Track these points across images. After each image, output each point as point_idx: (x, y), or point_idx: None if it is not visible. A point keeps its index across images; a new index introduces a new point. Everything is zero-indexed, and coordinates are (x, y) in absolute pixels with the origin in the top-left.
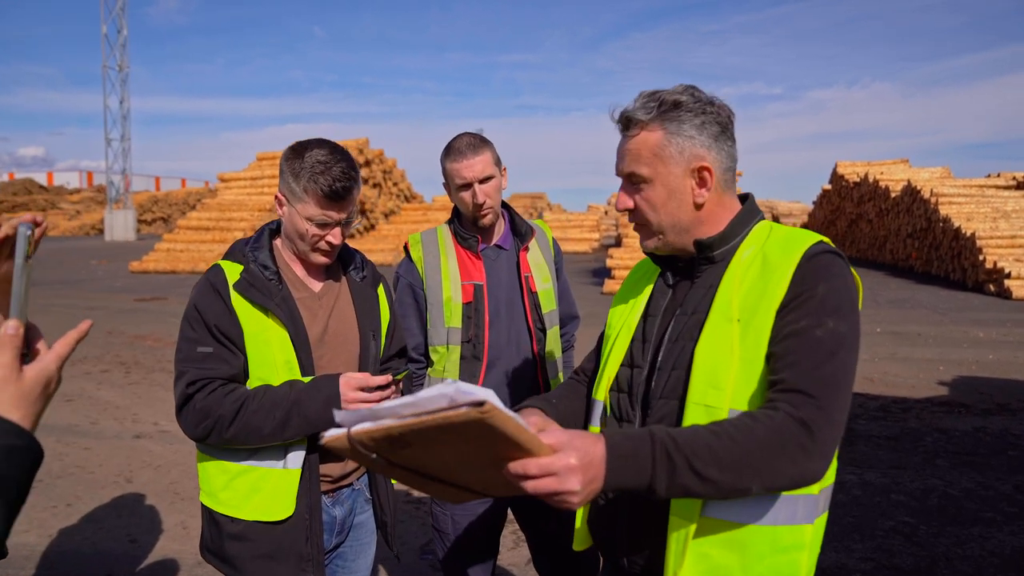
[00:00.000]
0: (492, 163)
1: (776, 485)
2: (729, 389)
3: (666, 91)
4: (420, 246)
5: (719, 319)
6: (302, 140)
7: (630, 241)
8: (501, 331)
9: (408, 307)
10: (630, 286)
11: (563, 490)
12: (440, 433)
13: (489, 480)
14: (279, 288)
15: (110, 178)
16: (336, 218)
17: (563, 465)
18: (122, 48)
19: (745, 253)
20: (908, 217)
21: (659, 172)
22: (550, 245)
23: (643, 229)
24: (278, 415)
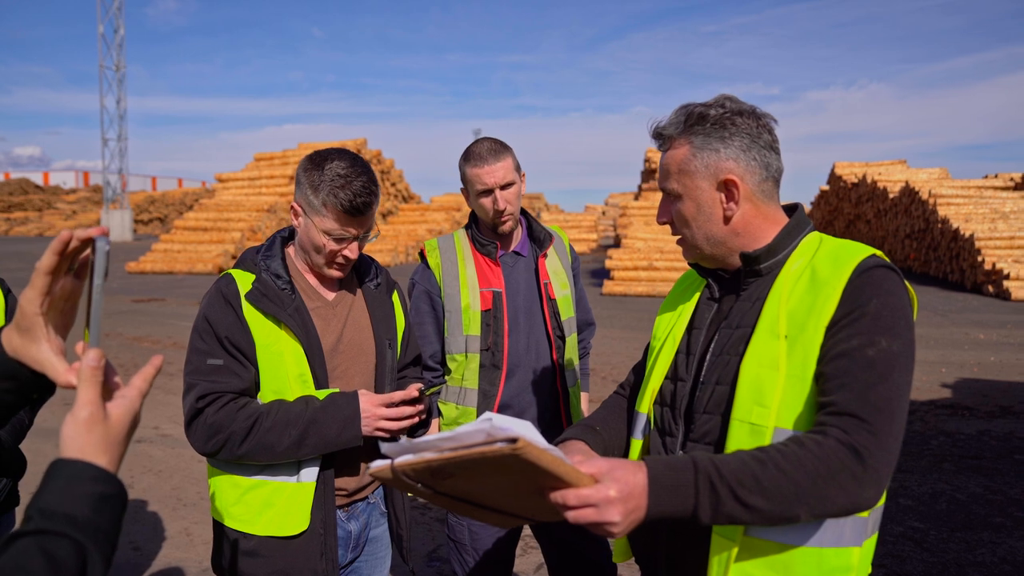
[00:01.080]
0: (513, 169)
1: (825, 513)
2: (774, 407)
3: (698, 104)
4: (438, 252)
5: (765, 335)
6: (321, 150)
7: (629, 242)
8: (520, 339)
9: (425, 314)
10: (676, 296)
11: (602, 521)
12: (479, 466)
13: (535, 507)
14: (292, 298)
15: (107, 178)
16: (354, 233)
17: (602, 497)
18: (119, 48)
19: (793, 266)
20: (906, 218)
21: (687, 187)
22: (567, 251)
23: (683, 243)
24: (293, 433)
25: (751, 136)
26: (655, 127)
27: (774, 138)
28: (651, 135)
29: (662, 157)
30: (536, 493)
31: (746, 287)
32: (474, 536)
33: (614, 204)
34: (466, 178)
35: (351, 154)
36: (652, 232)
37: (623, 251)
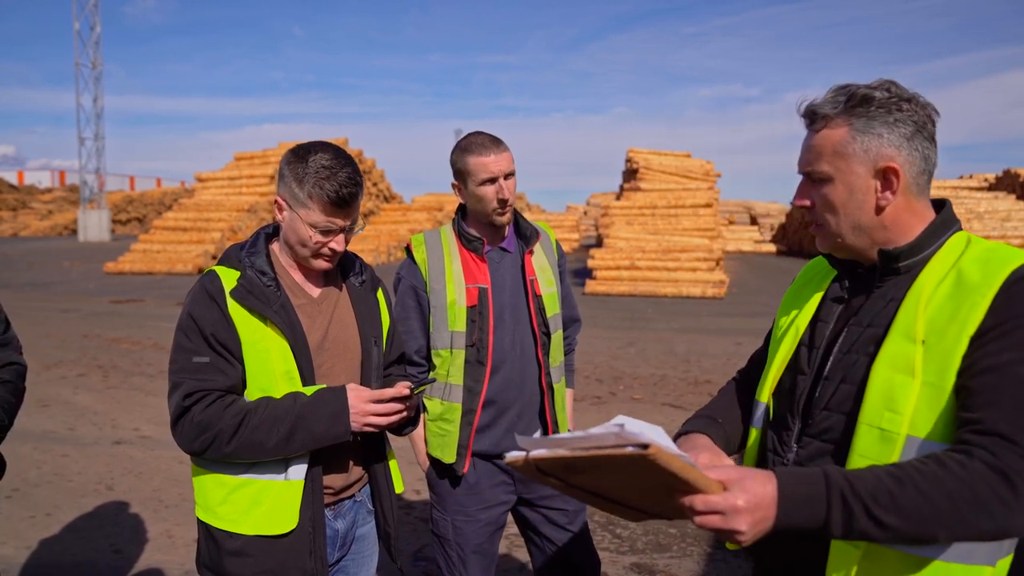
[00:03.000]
0: (512, 161)
1: (967, 537)
2: (908, 414)
3: (859, 85)
4: (424, 247)
5: (900, 338)
6: (304, 143)
7: (611, 242)
8: (506, 335)
9: (411, 309)
10: (801, 285)
11: (728, 528)
12: (610, 465)
13: (664, 504)
14: (277, 295)
15: (83, 177)
16: (340, 225)
17: (729, 506)
18: (95, 45)
19: (937, 267)
20: None
21: (841, 170)
22: (554, 248)
23: (820, 229)
24: (281, 430)
25: (916, 125)
26: (807, 105)
27: (935, 130)
28: (801, 113)
29: (810, 137)
30: (664, 493)
31: (881, 285)
32: (458, 531)
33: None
34: (466, 168)
35: (334, 146)
36: (634, 232)
37: (605, 251)
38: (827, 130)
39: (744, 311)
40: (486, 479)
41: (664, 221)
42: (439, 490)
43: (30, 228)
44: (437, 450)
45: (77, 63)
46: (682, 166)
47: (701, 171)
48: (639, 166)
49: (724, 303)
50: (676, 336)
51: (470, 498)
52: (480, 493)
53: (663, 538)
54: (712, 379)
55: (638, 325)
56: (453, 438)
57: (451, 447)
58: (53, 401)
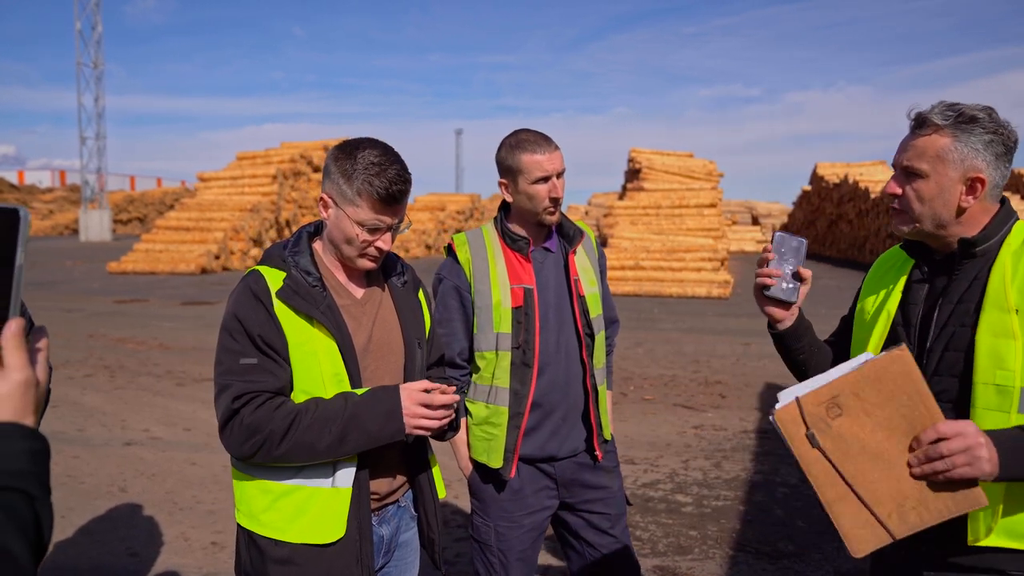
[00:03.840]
0: (563, 159)
1: None
2: (1018, 370)
3: (967, 105)
4: (467, 247)
5: (995, 310)
6: (351, 139)
7: (615, 242)
8: (551, 337)
9: (454, 310)
10: (880, 274)
11: (976, 443)
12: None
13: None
14: (323, 295)
15: (85, 177)
16: (389, 223)
17: (966, 425)
18: (97, 45)
19: (1011, 249)
20: (888, 218)
21: (937, 171)
22: (594, 248)
23: (901, 215)
24: (334, 430)
25: (1006, 147)
26: (921, 112)
27: (1014, 153)
28: (911, 117)
29: (914, 138)
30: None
31: (960, 268)
32: (501, 537)
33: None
34: (518, 166)
35: (382, 143)
36: (638, 232)
37: (609, 251)
38: (934, 136)
39: (750, 311)
40: (530, 484)
41: (668, 221)
42: (482, 495)
43: (32, 228)
44: (483, 455)
45: (79, 63)
46: (685, 166)
47: (704, 171)
48: (642, 166)
49: (729, 303)
50: (684, 336)
51: (514, 503)
52: (524, 498)
53: (684, 540)
54: (722, 379)
55: (645, 325)
56: (500, 442)
57: (498, 451)
58: (62, 402)
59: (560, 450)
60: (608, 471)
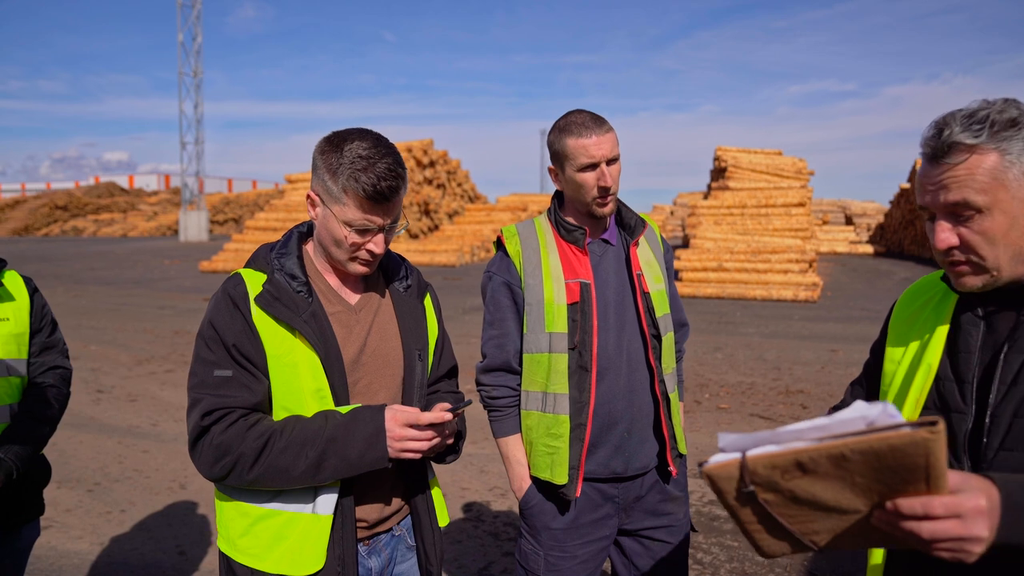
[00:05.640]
0: (617, 143)
1: None
2: None
3: (990, 109)
4: (517, 239)
5: None
6: (340, 130)
7: (698, 242)
8: (610, 337)
9: (506, 309)
10: (913, 313)
11: (968, 535)
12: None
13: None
14: (308, 302)
15: (184, 180)
16: (379, 223)
17: (972, 507)
18: (196, 55)
19: None
20: None
21: (999, 199)
22: (659, 242)
23: (969, 267)
24: (311, 454)
25: None
26: (943, 139)
27: None
28: (932, 147)
29: (949, 170)
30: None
31: None
32: (551, 568)
33: (682, 204)
34: (564, 151)
35: (374, 133)
36: (722, 232)
37: (692, 251)
38: (974, 158)
39: (839, 316)
40: (588, 509)
41: (754, 221)
42: (533, 519)
43: (137, 229)
44: (546, 471)
45: (180, 72)
46: (773, 164)
47: (793, 169)
48: (727, 164)
49: (818, 307)
50: (766, 342)
51: (569, 532)
52: (581, 526)
53: (750, 567)
54: (805, 388)
55: (726, 329)
56: (563, 456)
57: (562, 466)
58: (141, 396)
59: (627, 468)
60: (675, 498)
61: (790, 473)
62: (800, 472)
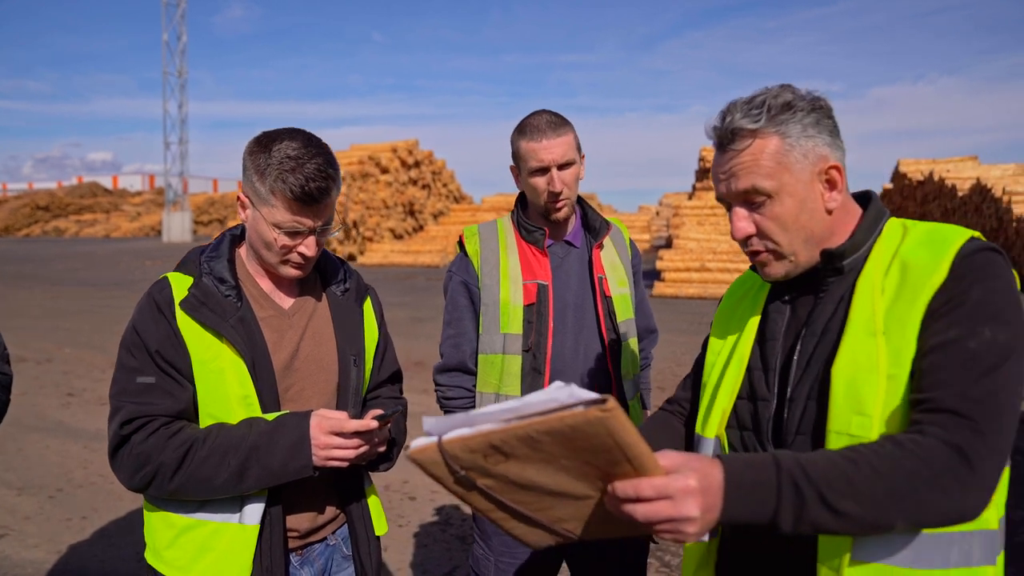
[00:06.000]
0: (573, 147)
1: (925, 521)
2: (877, 415)
3: (766, 94)
4: (477, 238)
5: (860, 333)
6: (270, 130)
7: (681, 243)
8: (567, 340)
9: (464, 308)
10: (732, 306)
11: (679, 516)
12: (549, 440)
13: (584, 514)
14: (237, 306)
15: (168, 180)
16: (309, 225)
17: (680, 487)
18: (181, 54)
19: (880, 257)
20: (977, 217)
21: (785, 183)
22: (627, 246)
23: (768, 255)
24: (233, 463)
25: (833, 122)
26: (724, 126)
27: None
28: (717, 134)
29: (735, 157)
30: (591, 488)
31: (825, 288)
32: (500, 572)
33: (668, 204)
34: (518, 153)
35: (305, 133)
36: (705, 232)
37: (675, 252)
38: (757, 143)
39: None
40: None
41: None
42: (485, 525)
43: (120, 229)
44: None
45: (165, 72)
46: None
47: None
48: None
49: None
50: None
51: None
52: None
53: None
54: None
55: (707, 330)
56: None
57: None
58: None
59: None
60: None
61: (492, 457)
62: (501, 455)
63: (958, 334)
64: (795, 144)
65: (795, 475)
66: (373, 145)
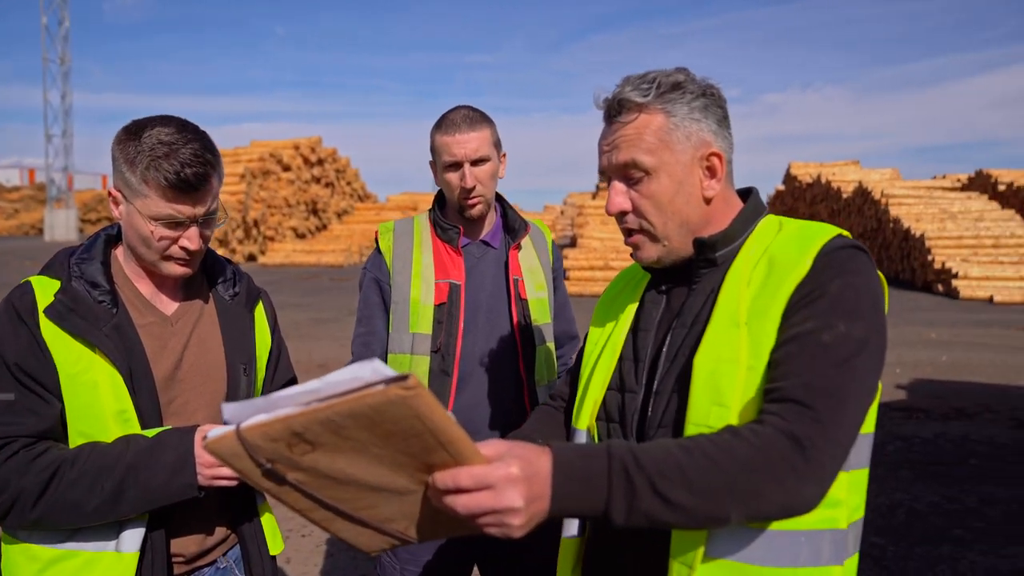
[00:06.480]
0: (490, 143)
1: (760, 513)
2: (736, 406)
3: (659, 72)
4: (391, 235)
5: (723, 323)
6: (140, 119)
7: (585, 242)
8: (478, 342)
9: (375, 306)
10: (613, 296)
11: (501, 507)
12: (352, 424)
13: (412, 511)
14: (111, 313)
15: (50, 175)
16: (189, 214)
17: (501, 475)
18: (64, 41)
19: (751, 251)
20: (860, 218)
21: (664, 161)
22: (548, 249)
23: (641, 236)
24: (107, 486)
25: (723, 111)
26: (613, 96)
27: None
28: (606, 105)
29: (620, 129)
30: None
31: (698, 279)
32: None
33: (572, 204)
34: (435, 147)
35: (179, 119)
36: (608, 232)
37: (579, 251)
38: (643, 117)
39: None
40: None
41: None
42: None
43: None
44: None
45: (45, 58)
46: None
47: None
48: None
49: None
50: None
51: (426, 545)
52: (438, 541)
53: None
54: None
55: None
56: None
57: None
58: None
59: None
60: None
61: (298, 446)
62: (307, 444)
63: (814, 327)
64: (680, 124)
65: (627, 464)
66: (275, 142)
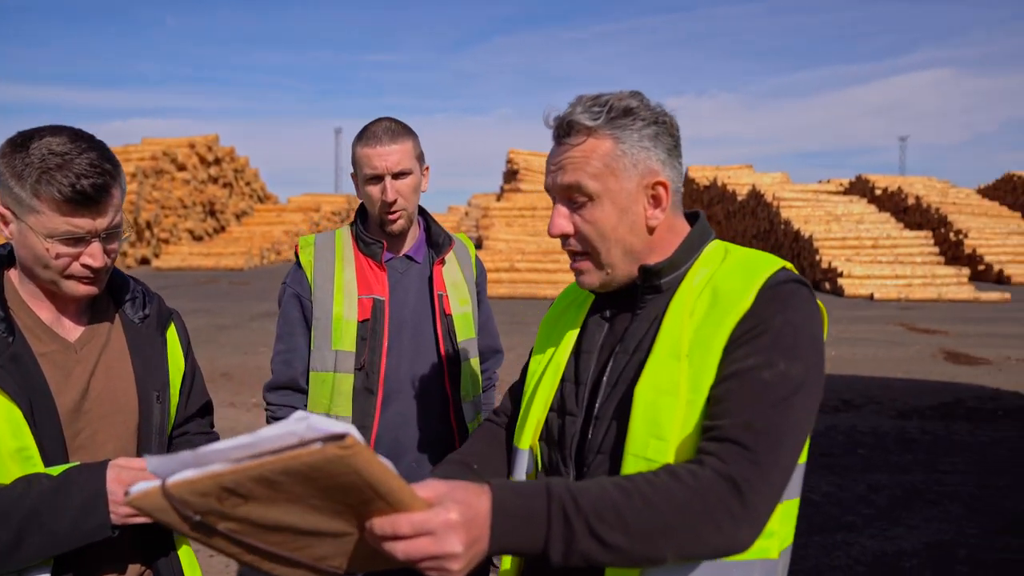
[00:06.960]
0: (412, 156)
1: (695, 554)
2: (674, 439)
3: (612, 95)
4: (312, 249)
5: (664, 355)
6: (25, 130)
7: (491, 244)
8: (403, 359)
9: (296, 322)
10: (558, 314)
11: (442, 552)
12: (287, 481)
13: (347, 549)
14: (8, 342)
15: None
16: (89, 228)
17: (441, 522)
18: None
19: (696, 279)
20: (753, 219)
21: (609, 188)
22: (472, 263)
23: (585, 261)
24: (4, 534)
25: (674, 139)
26: (563, 116)
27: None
28: (555, 124)
29: (567, 151)
30: (350, 526)
31: (643, 305)
32: None
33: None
34: (355, 160)
35: (72, 128)
36: (514, 233)
37: (484, 253)
38: (590, 141)
39: None
40: None
41: (544, 222)
42: None
43: None
44: None
45: None
46: None
47: None
48: (519, 167)
49: None
50: None
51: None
52: None
53: None
54: None
55: (517, 329)
56: None
57: None
58: None
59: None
60: None
61: (229, 500)
62: (239, 498)
63: (755, 363)
64: (627, 151)
65: (565, 504)
66: (168, 139)
